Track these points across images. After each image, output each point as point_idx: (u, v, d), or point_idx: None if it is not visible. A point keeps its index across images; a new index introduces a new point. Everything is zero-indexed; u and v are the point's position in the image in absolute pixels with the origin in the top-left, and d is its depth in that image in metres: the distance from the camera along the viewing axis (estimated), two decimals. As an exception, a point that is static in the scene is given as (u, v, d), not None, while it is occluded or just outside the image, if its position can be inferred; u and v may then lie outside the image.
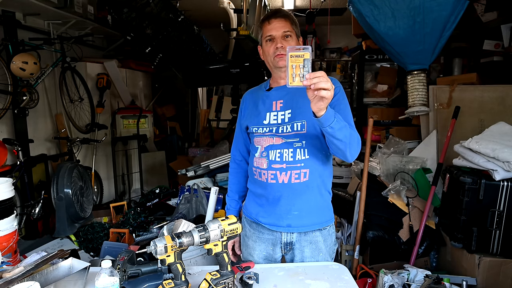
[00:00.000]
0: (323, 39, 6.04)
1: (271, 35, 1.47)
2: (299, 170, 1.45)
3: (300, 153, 1.45)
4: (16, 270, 1.20)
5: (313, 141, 1.45)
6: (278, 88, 1.54)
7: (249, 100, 1.63)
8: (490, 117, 2.83)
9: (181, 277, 1.20)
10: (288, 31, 1.47)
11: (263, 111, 1.52)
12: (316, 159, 1.47)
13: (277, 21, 1.47)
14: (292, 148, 1.45)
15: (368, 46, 3.86)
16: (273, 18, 1.48)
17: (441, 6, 2.62)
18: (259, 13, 4.43)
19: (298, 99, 1.47)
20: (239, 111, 1.67)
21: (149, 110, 5.41)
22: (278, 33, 1.46)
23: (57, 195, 2.96)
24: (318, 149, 1.47)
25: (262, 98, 1.56)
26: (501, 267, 2.20)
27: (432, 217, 2.71)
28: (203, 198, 2.80)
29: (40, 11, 3.40)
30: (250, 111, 1.58)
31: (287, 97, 1.50)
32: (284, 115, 1.48)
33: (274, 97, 1.52)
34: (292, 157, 1.44)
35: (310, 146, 1.45)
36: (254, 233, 1.58)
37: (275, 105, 1.51)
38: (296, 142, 1.45)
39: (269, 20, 1.49)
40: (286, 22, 1.48)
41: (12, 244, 1.75)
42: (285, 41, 1.46)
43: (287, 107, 1.48)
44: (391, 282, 2.10)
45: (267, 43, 1.50)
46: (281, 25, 1.47)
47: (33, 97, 3.28)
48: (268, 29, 1.48)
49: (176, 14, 4.21)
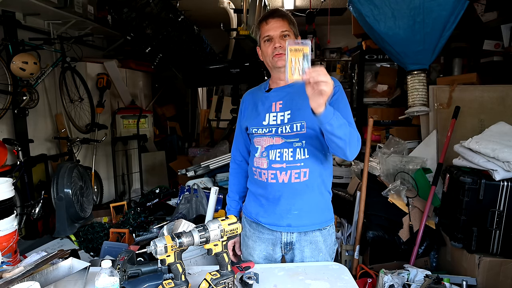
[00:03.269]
0: (323, 39, 6.03)
1: (269, 35, 1.48)
2: (299, 169, 1.45)
3: (300, 152, 1.45)
4: (16, 270, 1.20)
5: (312, 141, 1.46)
6: (277, 89, 1.54)
7: (249, 100, 1.63)
8: (490, 117, 2.83)
9: (181, 277, 1.20)
10: (286, 31, 1.47)
11: (263, 112, 1.52)
12: (316, 158, 1.47)
13: (274, 21, 1.48)
14: (292, 148, 1.45)
15: (368, 46, 3.86)
16: (271, 18, 1.48)
17: (441, 6, 2.62)
18: (259, 13, 4.43)
19: (297, 100, 1.47)
20: (239, 111, 1.67)
21: (149, 110, 5.41)
22: (276, 33, 1.46)
23: (57, 195, 2.96)
24: (317, 149, 1.47)
25: (261, 99, 1.56)
26: (501, 267, 2.20)
27: (432, 217, 2.71)
28: (203, 198, 2.80)
29: (40, 11, 3.40)
30: (250, 112, 1.59)
31: (287, 98, 1.50)
32: (283, 116, 1.48)
33: (274, 98, 1.53)
34: (292, 157, 1.45)
35: (309, 146, 1.46)
36: (254, 233, 1.58)
37: (275, 106, 1.51)
38: (296, 142, 1.45)
39: (266, 20, 1.49)
40: (283, 22, 1.48)
41: (12, 244, 1.75)
42: (283, 41, 1.46)
43: (287, 108, 1.48)
44: (391, 282, 2.11)
45: (265, 43, 1.50)
46: (278, 25, 1.47)
47: (33, 97, 3.28)
48: (265, 30, 1.49)
49: (176, 14, 4.21)
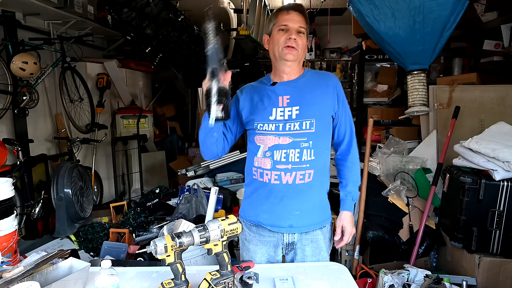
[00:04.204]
0: (323, 39, 6.03)
1: (287, 25, 1.45)
2: (304, 171, 1.44)
3: (306, 153, 1.44)
4: (16, 270, 1.20)
5: (320, 141, 1.45)
6: (283, 83, 1.51)
7: (249, 92, 1.55)
8: (490, 117, 2.83)
9: (181, 277, 1.19)
10: (303, 28, 1.46)
11: (269, 106, 1.48)
12: (321, 159, 1.47)
13: (296, 14, 1.46)
14: (299, 149, 1.43)
15: (368, 46, 3.85)
16: (293, 10, 1.47)
17: (441, 6, 2.62)
18: (259, 13, 4.43)
19: (306, 95, 1.46)
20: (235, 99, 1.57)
21: (149, 110, 5.41)
22: (295, 26, 1.45)
23: (57, 195, 2.96)
24: (323, 149, 1.47)
25: (267, 93, 1.51)
26: (501, 267, 2.19)
27: (432, 217, 2.71)
28: (203, 198, 2.80)
29: (40, 11, 3.40)
30: (254, 105, 1.51)
31: (294, 92, 1.47)
32: (291, 111, 1.45)
33: (280, 92, 1.49)
34: (299, 158, 1.43)
35: (317, 147, 1.44)
36: (254, 236, 1.56)
37: (282, 100, 1.47)
38: (303, 142, 1.43)
39: (288, 10, 1.47)
40: (302, 18, 1.48)
41: (12, 244, 1.75)
42: (298, 36, 1.45)
43: (295, 103, 1.46)
44: (391, 282, 2.10)
45: (279, 32, 1.46)
46: (299, 19, 1.46)
47: (33, 97, 3.28)
48: (285, 19, 1.46)
49: (176, 14, 4.22)
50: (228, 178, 3.46)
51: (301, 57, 1.49)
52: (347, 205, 1.60)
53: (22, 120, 3.35)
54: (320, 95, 1.48)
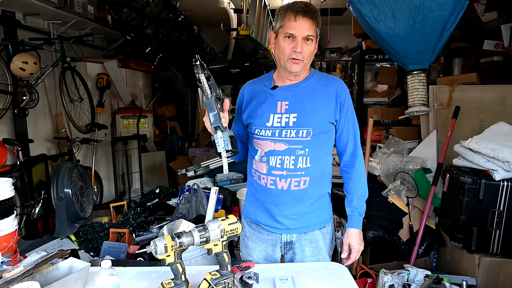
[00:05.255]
0: (323, 39, 6.03)
1: (293, 34, 1.36)
2: (299, 178, 1.43)
3: (302, 161, 1.41)
4: (16, 270, 1.20)
5: (316, 148, 1.43)
6: (284, 88, 1.46)
7: (251, 92, 1.53)
8: (490, 117, 2.83)
9: (181, 277, 1.19)
10: (311, 36, 1.36)
11: (267, 111, 1.44)
12: (318, 166, 1.45)
13: (304, 20, 1.35)
14: (294, 156, 1.41)
15: (368, 46, 3.86)
16: (301, 16, 1.34)
17: (441, 6, 2.62)
18: (259, 13, 4.43)
19: (305, 102, 1.42)
20: (238, 101, 1.56)
21: (149, 110, 5.41)
22: (301, 35, 1.35)
23: (57, 195, 2.96)
24: (320, 155, 1.45)
25: (266, 97, 1.47)
26: (501, 267, 2.20)
27: (432, 217, 2.71)
28: (203, 198, 2.80)
29: (40, 11, 3.40)
30: (253, 108, 1.49)
31: (293, 98, 1.44)
32: (288, 118, 1.41)
33: (279, 97, 1.45)
34: (293, 165, 1.41)
35: (312, 154, 1.42)
36: (253, 233, 1.57)
37: (280, 106, 1.43)
38: (299, 149, 1.41)
39: (296, 15, 1.34)
40: (312, 24, 1.36)
41: (12, 244, 1.75)
42: (305, 44, 1.37)
43: (293, 110, 1.42)
44: (391, 282, 2.10)
45: (285, 39, 1.37)
46: (306, 27, 1.35)
47: (33, 97, 3.28)
48: (291, 26, 1.35)
49: (176, 14, 4.22)
50: (228, 178, 3.46)
51: (307, 65, 1.43)
52: (353, 222, 1.53)
53: (22, 120, 3.35)
54: (320, 103, 1.43)
